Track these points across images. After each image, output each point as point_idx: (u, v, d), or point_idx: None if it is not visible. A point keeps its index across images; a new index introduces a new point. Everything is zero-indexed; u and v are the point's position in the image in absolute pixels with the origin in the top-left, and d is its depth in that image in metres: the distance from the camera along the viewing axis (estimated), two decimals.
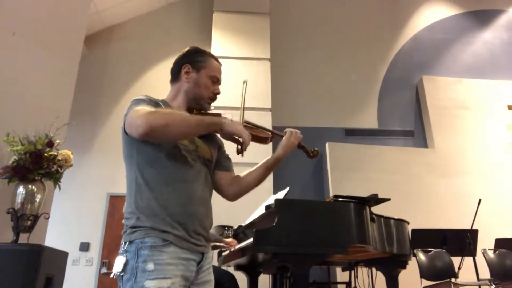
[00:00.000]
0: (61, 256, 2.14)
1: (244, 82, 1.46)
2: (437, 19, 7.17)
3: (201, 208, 1.31)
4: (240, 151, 1.28)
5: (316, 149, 1.56)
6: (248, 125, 1.42)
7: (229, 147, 1.62)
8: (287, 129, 1.50)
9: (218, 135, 1.41)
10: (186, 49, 1.49)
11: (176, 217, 1.23)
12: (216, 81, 1.46)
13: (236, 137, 1.27)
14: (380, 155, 5.70)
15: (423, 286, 3.39)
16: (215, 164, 1.48)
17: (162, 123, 1.15)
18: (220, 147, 1.54)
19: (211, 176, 1.43)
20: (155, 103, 1.32)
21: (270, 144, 1.48)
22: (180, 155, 1.30)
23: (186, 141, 1.34)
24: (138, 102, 1.27)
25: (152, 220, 1.21)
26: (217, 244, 3.26)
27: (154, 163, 1.27)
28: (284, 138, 1.48)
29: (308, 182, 5.82)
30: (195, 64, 1.43)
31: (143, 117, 1.15)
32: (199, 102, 1.43)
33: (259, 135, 1.43)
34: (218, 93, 1.46)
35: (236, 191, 1.47)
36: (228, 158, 1.54)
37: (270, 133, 1.47)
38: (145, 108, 1.21)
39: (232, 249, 3.00)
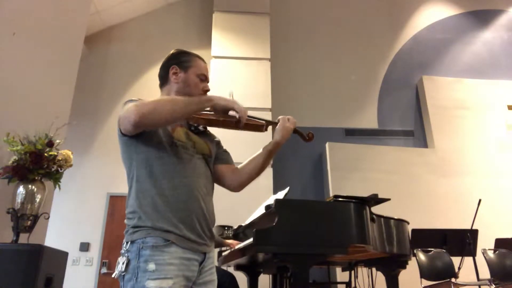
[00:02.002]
0: (61, 256, 2.14)
1: (230, 93, 1.48)
2: (437, 19, 7.17)
3: (203, 204, 1.32)
4: (238, 122, 1.30)
5: (311, 132, 1.57)
6: None
7: (229, 146, 1.62)
8: (280, 117, 1.51)
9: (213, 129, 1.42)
10: (171, 52, 1.52)
11: (179, 214, 1.24)
12: (204, 79, 1.47)
13: (230, 111, 1.29)
14: (380, 155, 5.69)
15: (423, 286, 3.39)
16: (215, 159, 1.49)
17: (151, 107, 1.19)
18: (218, 143, 1.55)
19: (211, 171, 1.43)
20: None
21: (270, 138, 1.49)
22: (178, 152, 1.31)
23: (184, 138, 1.35)
24: (129, 102, 1.29)
25: (154, 219, 1.21)
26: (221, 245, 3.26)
27: (154, 161, 1.28)
28: (279, 123, 1.48)
29: (308, 182, 5.82)
30: (182, 64, 1.45)
31: (133, 107, 1.19)
32: None
33: (253, 123, 1.45)
34: (208, 90, 1.48)
35: (239, 181, 1.48)
36: (226, 152, 1.56)
37: (264, 121, 1.48)
38: (135, 102, 1.23)
39: (232, 249, 3.00)
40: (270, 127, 1.51)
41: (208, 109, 1.46)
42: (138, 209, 1.24)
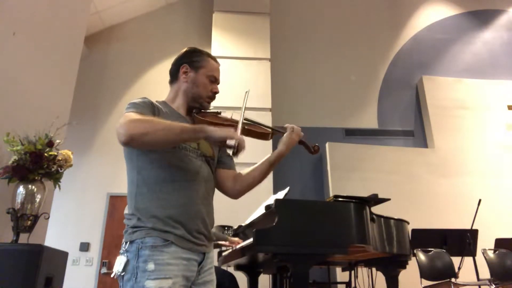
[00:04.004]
0: (61, 256, 2.14)
1: (246, 92, 1.46)
2: (437, 19, 7.17)
3: (203, 207, 1.31)
4: (234, 153, 1.18)
5: (316, 144, 1.56)
6: (248, 122, 1.42)
7: None
8: (287, 125, 1.49)
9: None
10: (184, 50, 1.50)
11: (178, 217, 1.24)
12: (214, 80, 1.46)
13: (227, 142, 1.17)
14: (380, 155, 5.69)
15: (423, 286, 3.39)
16: (217, 162, 1.48)
17: (141, 131, 1.14)
18: None
19: (213, 174, 1.43)
20: (150, 106, 1.31)
21: (271, 143, 1.49)
22: (182, 155, 1.31)
23: None
24: (131, 106, 1.27)
25: (153, 221, 1.21)
26: (220, 243, 3.26)
27: (155, 164, 1.28)
28: (285, 134, 1.46)
29: (308, 182, 5.82)
30: (193, 63, 1.44)
31: (125, 125, 1.15)
32: (198, 101, 1.43)
33: (259, 131, 1.43)
34: (217, 92, 1.47)
35: (239, 188, 1.47)
36: (229, 156, 1.54)
37: (270, 129, 1.47)
38: (131, 116, 1.20)
39: (233, 249, 3.00)
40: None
41: (212, 109, 1.46)
42: (136, 212, 1.24)
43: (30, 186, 2.02)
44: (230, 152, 1.19)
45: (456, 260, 3.50)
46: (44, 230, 2.53)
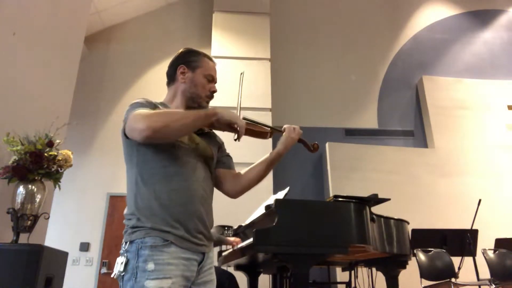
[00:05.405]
0: (61, 256, 2.14)
1: (241, 73, 1.47)
2: (437, 19, 7.17)
3: (202, 207, 1.31)
4: (237, 138, 1.31)
5: (316, 143, 1.57)
6: (247, 121, 1.43)
7: (230, 147, 1.62)
8: (285, 126, 1.50)
9: (216, 131, 1.44)
10: (180, 51, 1.51)
11: (177, 216, 1.24)
12: (212, 79, 1.47)
13: (232, 125, 1.29)
14: (380, 155, 5.70)
15: (423, 286, 3.39)
16: (216, 162, 1.49)
17: (163, 124, 1.18)
18: (220, 146, 1.54)
19: (211, 174, 1.43)
20: (152, 105, 1.32)
21: (270, 143, 1.50)
22: (181, 154, 1.31)
23: (186, 140, 1.35)
24: (136, 106, 1.28)
25: (152, 221, 1.21)
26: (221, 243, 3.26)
27: (154, 163, 1.28)
28: (284, 133, 1.47)
29: (308, 182, 5.82)
30: (190, 64, 1.45)
31: (143, 120, 1.17)
32: (197, 101, 1.44)
33: (257, 130, 1.44)
34: (215, 91, 1.48)
35: (238, 188, 1.48)
36: (228, 156, 1.55)
37: (269, 128, 1.47)
38: (144, 112, 1.22)
39: (233, 249, 3.00)
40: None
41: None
42: (136, 211, 1.24)
43: (30, 186, 2.01)
44: (234, 132, 1.29)
45: (456, 260, 3.50)
46: (44, 230, 2.53)
